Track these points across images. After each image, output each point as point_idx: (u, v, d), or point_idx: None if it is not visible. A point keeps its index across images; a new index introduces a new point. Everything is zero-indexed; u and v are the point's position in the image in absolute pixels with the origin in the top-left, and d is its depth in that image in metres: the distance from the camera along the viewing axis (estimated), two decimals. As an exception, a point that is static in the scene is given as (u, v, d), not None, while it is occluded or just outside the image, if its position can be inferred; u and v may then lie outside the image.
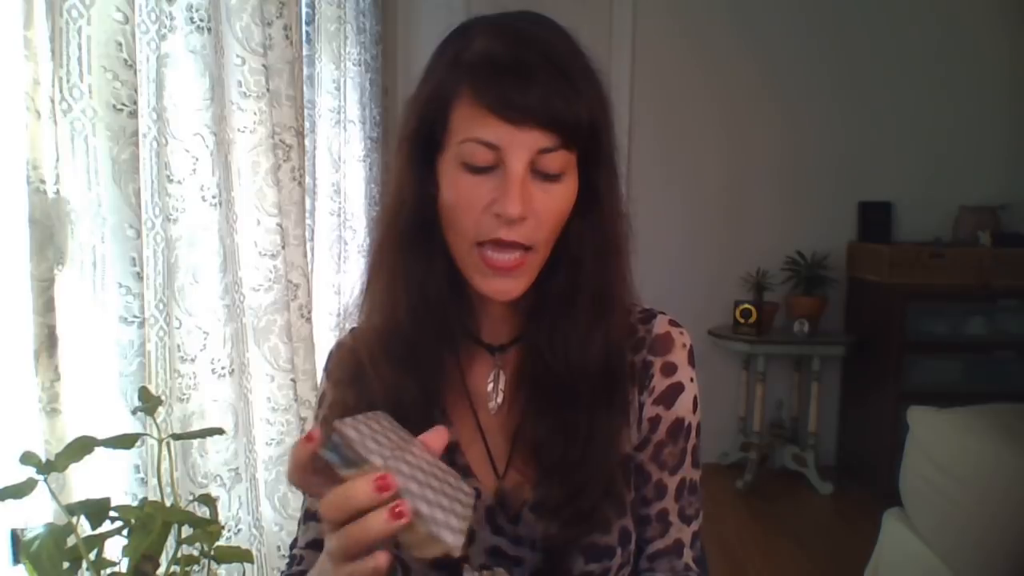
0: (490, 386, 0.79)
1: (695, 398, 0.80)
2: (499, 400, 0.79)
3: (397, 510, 0.48)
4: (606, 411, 0.75)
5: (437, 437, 0.58)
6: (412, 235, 0.74)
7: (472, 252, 0.70)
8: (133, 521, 0.78)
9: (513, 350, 0.79)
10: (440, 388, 0.78)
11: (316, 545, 0.81)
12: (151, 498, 1.02)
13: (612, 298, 0.76)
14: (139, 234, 1.05)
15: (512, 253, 0.69)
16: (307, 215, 1.77)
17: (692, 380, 0.80)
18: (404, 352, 0.75)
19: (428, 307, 0.74)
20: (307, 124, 1.85)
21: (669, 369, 0.79)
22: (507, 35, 0.69)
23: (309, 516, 0.82)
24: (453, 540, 0.49)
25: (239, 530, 1.33)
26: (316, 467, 0.53)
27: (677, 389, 0.79)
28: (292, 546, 0.85)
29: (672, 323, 0.81)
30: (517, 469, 0.77)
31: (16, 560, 0.95)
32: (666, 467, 0.79)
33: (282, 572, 0.84)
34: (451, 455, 0.78)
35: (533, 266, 0.72)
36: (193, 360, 1.23)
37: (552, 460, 0.74)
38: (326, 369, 0.86)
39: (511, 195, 0.67)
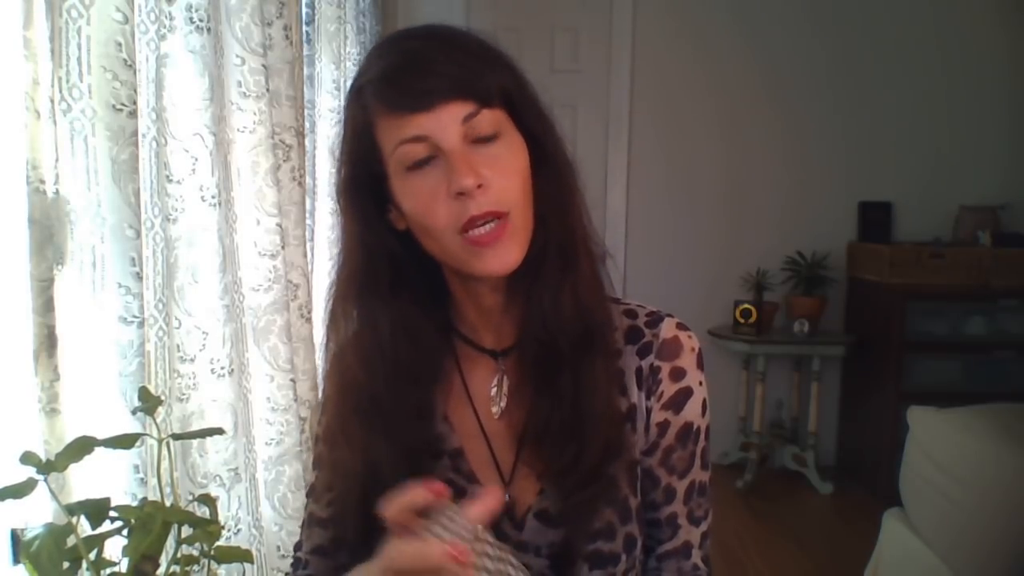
0: (493, 391, 0.79)
1: (704, 401, 0.80)
2: (503, 405, 0.78)
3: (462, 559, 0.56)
4: (589, 361, 0.74)
5: (491, 499, 0.61)
6: (363, 283, 0.75)
7: (457, 241, 0.69)
8: (133, 521, 0.78)
9: (515, 353, 0.79)
10: (439, 394, 0.78)
11: (320, 551, 0.81)
12: (151, 498, 1.02)
13: (576, 248, 0.75)
14: (138, 234, 1.05)
15: (490, 223, 0.68)
16: (307, 215, 1.77)
17: (701, 384, 0.80)
18: (369, 404, 0.74)
19: (383, 352, 0.74)
20: (307, 124, 1.85)
21: (678, 374, 0.78)
22: (393, 45, 0.72)
23: (314, 522, 0.82)
24: None
25: (239, 530, 1.32)
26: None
27: (686, 394, 0.78)
28: (296, 548, 0.85)
29: (680, 326, 0.80)
30: (523, 474, 0.77)
31: (16, 560, 0.95)
32: (675, 471, 0.78)
33: (287, 574, 0.84)
34: (454, 460, 0.78)
35: (517, 230, 0.70)
36: (192, 360, 1.23)
37: (551, 433, 0.73)
38: (327, 375, 0.85)
39: (458, 170, 0.67)
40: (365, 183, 0.73)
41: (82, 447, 0.77)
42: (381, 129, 0.70)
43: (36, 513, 0.90)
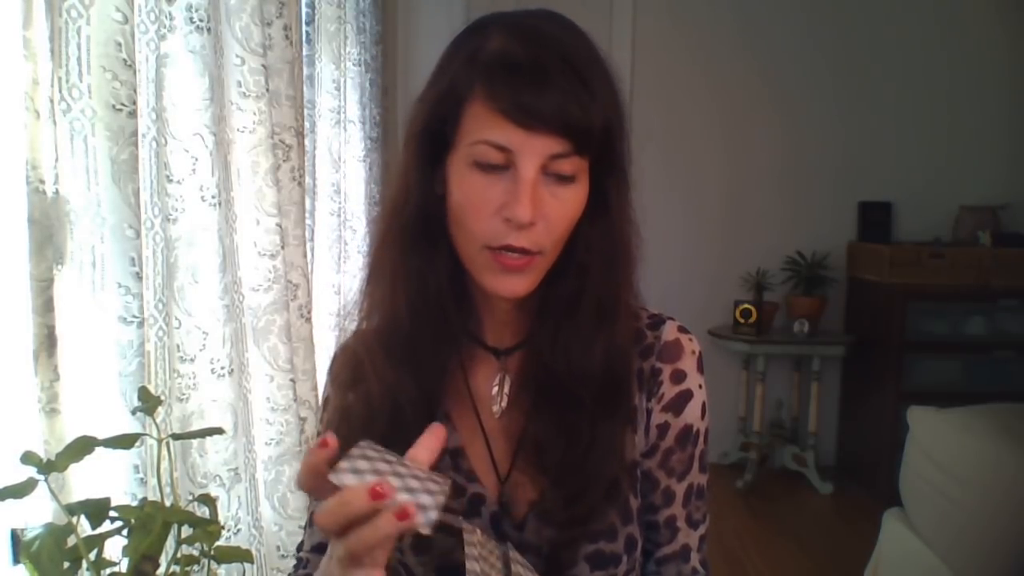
0: (495, 389, 0.79)
1: (704, 404, 0.80)
2: (503, 404, 0.78)
3: (404, 510, 0.50)
4: (609, 418, 0.74)
5: (435, 436, 0.57)
6: (414, 232, 0.73)
7: (482, 252, 0.69)
8: (133, 521, 0.78)
9: (518, 354, 0.79)
10: (442, 391, 0.78)
11: (321, 549, 0.81)
12: (151, 498, 1.02)
13: (616, 305, 0.75)
14: (138, 234, 1.05)
15: (520, 255, 0.68)
16: (307, 215, 1.77)
17: (701, 387, 0.80)
18: (403, 350, 0.74)
19: (428, 304, 0.74)
20: (307, 124, 1.85)
21: (678, 376, 0.78)
22: (524, 34, 0.68)
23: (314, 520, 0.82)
24: (425, 520, 0.51)
25: (239, 530, 1.32)
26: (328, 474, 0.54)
27: (686, 396, 0.79)
28: (299, 549, 0.85)
29: (681, 329, 0.81)
30: (521, 474, 0.76)
31: (16, 560, 0.95)
32: (674, 473, 0.79)
33: (288, 574, 0.84)
34: (455, 459, 0.78)
35: (541, 267, 0.71)
36: (192, 360, 1.23)
37: (553, 462, 0.73)
38: (330, 372, 0.85)
39: (522, 200, 0.66)
40: (433, 140, 0.71)
41: (82, 447, 0.77)
42: (474, 112, 0.67)
43: (36, 513, 0.90)
